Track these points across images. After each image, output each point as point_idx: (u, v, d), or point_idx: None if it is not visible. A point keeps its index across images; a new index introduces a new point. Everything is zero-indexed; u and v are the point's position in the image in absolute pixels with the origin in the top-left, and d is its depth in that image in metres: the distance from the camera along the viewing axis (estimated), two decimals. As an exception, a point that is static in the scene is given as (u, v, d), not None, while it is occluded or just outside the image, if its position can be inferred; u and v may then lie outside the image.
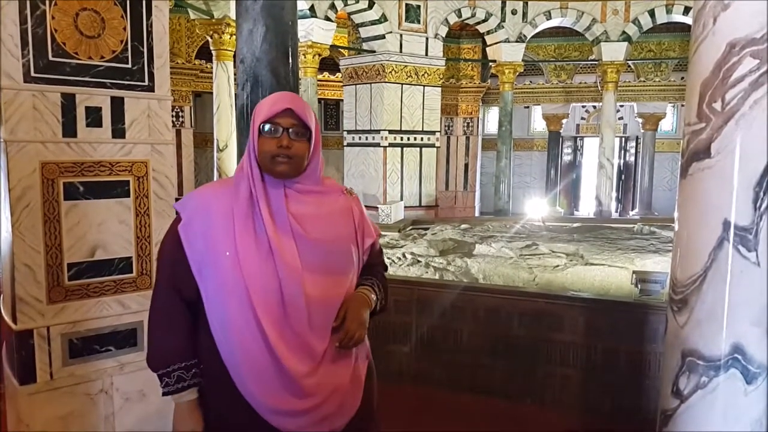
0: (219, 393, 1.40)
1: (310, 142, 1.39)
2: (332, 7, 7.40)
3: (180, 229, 1.38)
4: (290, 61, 2.02)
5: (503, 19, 8.89)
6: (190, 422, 1.40)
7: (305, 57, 7.28)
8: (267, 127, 1.36)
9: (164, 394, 1.40)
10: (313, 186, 1.44)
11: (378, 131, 8.27)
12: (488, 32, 9.08)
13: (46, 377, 2.18)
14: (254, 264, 1.33)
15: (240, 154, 2.12)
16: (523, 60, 9.22)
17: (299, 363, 1.35)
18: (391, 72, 8.13)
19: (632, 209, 13.09)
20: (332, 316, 1.40)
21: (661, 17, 8.79)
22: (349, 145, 8.84)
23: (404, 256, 4.95)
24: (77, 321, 2.24)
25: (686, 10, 8.41)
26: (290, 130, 1.36)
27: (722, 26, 1.43)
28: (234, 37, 2.18)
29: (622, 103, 11.87)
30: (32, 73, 2.07)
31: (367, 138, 8.39)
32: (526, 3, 8.90)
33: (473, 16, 8.81)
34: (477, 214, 11.94)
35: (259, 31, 1.96)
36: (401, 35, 8.16)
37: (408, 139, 8.44)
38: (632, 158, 13.64)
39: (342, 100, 9.79)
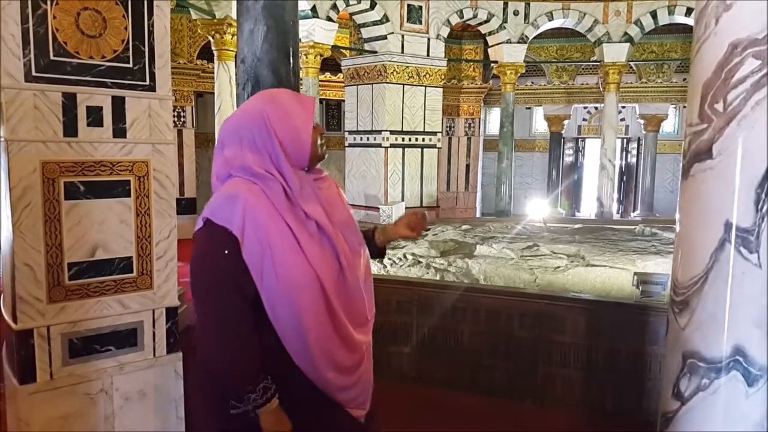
0: (286, 389, 1.45)
1: None
2: (334, 7, 7.40)
3: (240, 237, 1.35)
4: (291, 61, 2.02)
5: (505, 20, 8.88)
6: (284, 425, 1.42)
7: (307, 57, 7.28)
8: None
9: (254, 409, 1.38)
10: (320, 171, 1.55)
11: (379, 132, 8.26)
12: (490, 33, 9.08)
13: (46, 377, 2.18)
14: (318, 254, 1.40)
15: (241, 154, 2.11)
16: (524, 61, 9.21)
17: (362, 334, 1.52)
18: (392, 72, 8.13)
19: (634, 210, 13.07)
20: (371, 288, 1.57)
21: (663, 18, 8.78)
22: (350, 145, 8.83)
23: (405, 256, 4.95)
24: (77, 321, 2.24)
25: (688, 11, 8.39)
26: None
27: (724, 27, 1.43)
28: (235, 37, 2.17)
29: (623, 105, 11.86)
30: (33, 73, 2.07)
31: (368, 138, 8.39)
32: (528, 4, 8.89)
33: (475, 16, 8.80)
34: (478, 215, 11.94)
35: (260, 31, 1.96)
36: (403, 36, 8.15)
37: (409, 139, 8.44)
38: (634, 159, 13.62)
39: (343, 100, 9.79)
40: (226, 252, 1.34)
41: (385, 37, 8.08)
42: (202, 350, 1.48)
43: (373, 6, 7.86)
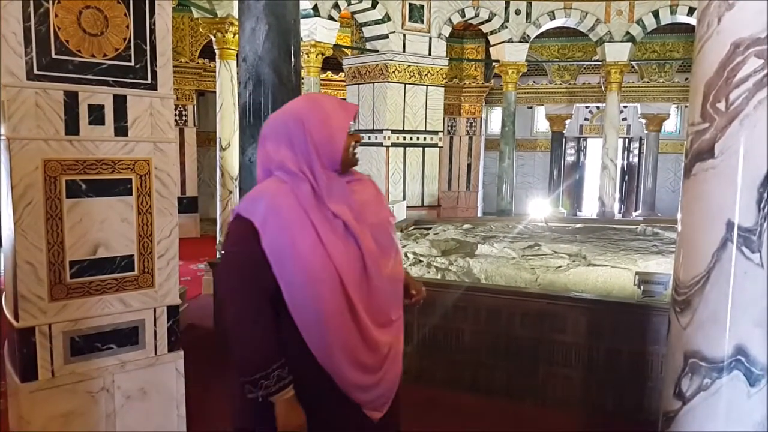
0: (303, 383, 1.48)
1: None
2: (336, 6, 7.40)
3: (260, 229, 1.42)
4: (292, 59, 2.02)
5: (507, 19, 8.87)
6: (298, 416, 1.45)
7: (308, 56, 7.28)
8: (351, 126, 1.54)
9: (265, 396, 1.42)
10: (355, 174, 1.60)
11: (381, 131, 8.26)
12: (492, 32, 9.06)
13: (47, 375, 2.18)
14: (340, 250, 1.44)
15: (242, 152, 2.12)
16: (526, 60, 9.19)
17: (383, 334, 1.53)
18: (394, 72, 8.12)
19: (635, 210, 13.06)
20: (400, 289, 1.61)
21: (665, 18, 8.76)
22: (351, 144, 8.80)
23: (406, 256, 4.95)
24: (79, 319, 2.24)
25: (690, 11, 8.38)
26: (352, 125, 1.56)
27: (727, 26, 1.43)
28: (237, 36, 2.16)
29: (625, 104, 11.84)
30: (35, 71, 2.08)
31: (369, 137, 8.38)
32: (530, 3, 8.88)
33: (477, 16, 8.79)
34: (479, 214, 11.93)
35: (262, 30, 1.96)
36: (404, 35, 8.15)
37: (411, 138, 8.43)
38: (636, 159, 13.60)
39: (345, 99, 9.78)
40: (247, 243, 1.42)
41: (386, 36, 8.07)
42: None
43: (374, 5, 7.85)
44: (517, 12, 8.88)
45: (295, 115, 1.50)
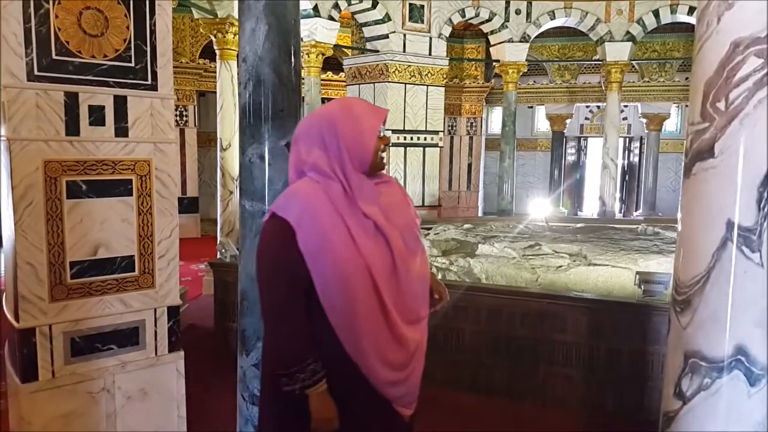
0: (335, 378, 1.52)
1: None
2: (336, 6, 7.39)
3: (295, 227, 1.47)
4: (293, 60, 2.02)
5: (507, 19, 8.86)
6: (330, 409, 1.50)
7: (309, 56, 7.28)
8: (381, 130, 1.58)
9: (300, 389, 1.47)
10: (383, 177, 1.65)
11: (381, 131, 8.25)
12: (492, 32, 9.06)
13: (48, 375, 2.19)
14: (372, 249, 1.49)
15: (242, 153, 2.12)
16: (526, 60, 9.18)
17: (412, 332, 1.58)
18: (394, 72, 8.12)
19: (636, 210, 13.04)
20: (427, 288, 1.67)
21: (666, 17, 8.75)
22: (352, 144, 8.79)
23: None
24: (79, 319, 2.24)
25: (691, 11, 8.37)
26: (382, 128, 1.61)
27: (726, 25, 1.42)
28: (237, 36, 2.16)
29: (626, 104, 11.82)
30: (35, 72, 2.08)
31: (370, 138, 8.37)
32: (530, 3, 8.87)
33: (477, 15, 8.79)
34: (480, 214, 11.92)
35: (262, 30, 1.96)
36: (405, 35, 8.14)
37: (411, 138, 8.43)
38: (636, 159, 13.58)
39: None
40: (283, 241, 1.47)
41: (386, 36, 8.07)
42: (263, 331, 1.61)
43: (374, 5, 7.85)
44: (518, 12, 8.87)
45: (327, 117, 1.55)
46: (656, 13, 8.72)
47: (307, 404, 1.49)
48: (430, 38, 8.37)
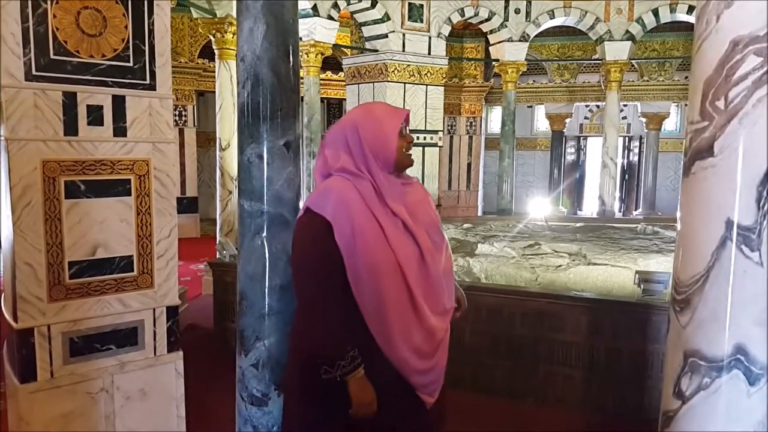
0: (366, 367, 1.59)
1: None
2: (335, 6, 7.39)
3: (332, 222, 1.55)
4: (291, 59, 2.01)
5: (506, 18, 8.86)
6: (370, 393, 1.58)
7: (308, 56, 7.27)
8: (403, 129, 1.65)
9: (341, 376, 1.55)
10: (408, 177, 1.74)
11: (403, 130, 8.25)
12: (491, 31, 9.05)
13: (46, 376, 2.18)
14: (402, 244, 1.57)
15: (241, 152, 2.12)
16: (526, 59, 9.18)
17: (440, 322, 1.67)
18: (393, 71, 8.11)
19: (636, 209, 13.04)
20: (452, 281, 1.77)
21: (665, 16, 8.74)
22: (351, 144, 8.77)
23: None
24: (78, 319, 2.24)
25: (690, 9, 8.36)
26: (407, 127, 1.69)
27: (725, 24, 1.42)
28: (236, 36, 2.16)
29: (625, 103, 11.82)
30: (33, 72, 2.07)
31: (369, 137, 8.37)
32: (530, 2, 8.87)
33: (476, 15, 8.78)
34: (480, 213, 11.92)
35: (260, 30, 1.95)
36: (404, 34, 8.14)
37: (411, 138, 8.42)
38: (636, 158, 13.58)
39: (345, 99, 9.78)
40: (321, 235, 1.55)
41: (386, 36, 8.06)
42: (297, 323, 1.71)
43: (374, 4, 7.84)
44: (517, 11, 8.87)
45: (350, 122, 1.64)
46: (655, 12, 8.72)
47: (342, 392, 1.56)
48: (430, 38, 8.37)
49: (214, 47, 6.21)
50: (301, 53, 7.09)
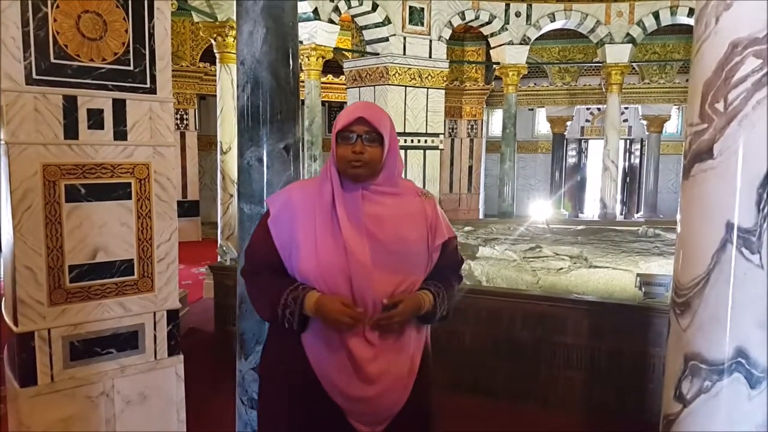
0: (297, 384, 1.54)
1: (383, 147, 1.51)
2: (336, 9, 7.40)
3: (269, 223, 1.56)
4: (291, 62, 2.02)
5: (507, 22, 8.87)
6: (333, 300, 1.47)
7: (309, 59, 7.28)
8: (344, 135, 1.50)
9: (299, 315, 1.48)
10: (388, 188, 1.56)
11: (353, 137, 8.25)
12: (492, 34, 9.06)
13: (47, 380, 2.18)
14: (329, 257, 1.48)
15: (240, 156, 2.12)
16: (527, 62, 9.19)
17: (364, 349, 1.50)
18: (394, 74, 8.12)
19: (637, 212, 13.02)
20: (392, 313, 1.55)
21: (666, 19, 8.75)
22: (352, 147, 8.78)
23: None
24: (78, 323, 2.24)
25: (690, 12, 8.36)
26: (364, 136, 1.49)
27: (724, 26, 1.42)
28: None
29: (626, 105, 11.81)
30: (34, 75, 2.08)
31: (370, 140, 8.37)
32: (530, 5, 8.88)
33: (477, 18, 8.80)
34: (481, 216, 11.92)
35: (260, 33, 1.96)
36: (405, 38, 8.15)
37: (412, 141, 8.43)
38: (637, 160, 13.57)
39: (346, 102, 9.79)
40: (265, 228, 1.57)
41: (387, 39, 8.08)
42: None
43: (374, 8, 7.86)
44: (518, 14, 8.88)
45: None
46: (656, 15, 8.72)
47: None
48: (430, 41, 8.38)
49: (215, 51, 6.23)
50: (302, 56, 7.10)
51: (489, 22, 8.87)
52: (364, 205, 1.51)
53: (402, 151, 8.39)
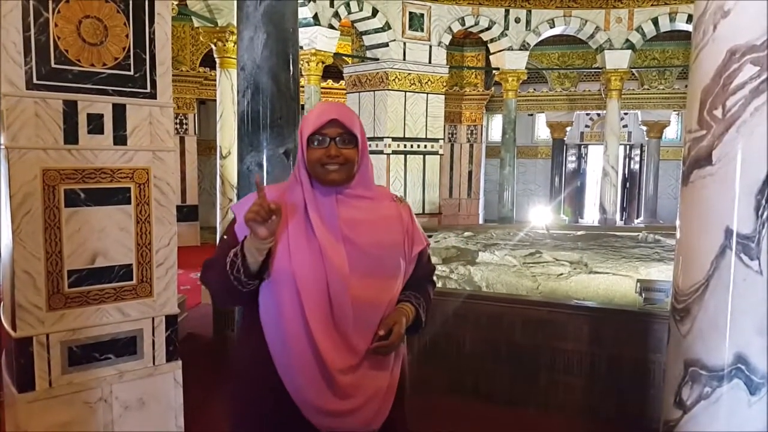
0: (263, 391, 1.46)
1: (358, 148, 1.45)
2: (336, 15, 7.43)
3: (236, 230, 1.47)
4: (291, 68, 2.02)
5: (506, 27, 8.90)
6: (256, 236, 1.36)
7: (309, 65, 7.30)
8: (315, 138, 1.41)
9: (247, 265, 1.37)
10: (363, 192, 1.49)
11: (381, 139, 8.27)
12: (492, 40, 9.09)
13: (45, 385, 2.17)
14: (305, 263, 1.40)
15: (240, 161, 2.12)
16: (526, 68, 9.21)
17: (338, 359, 1.41)
18: (394, 80, 8.14)
19: (637, 217, 13.03)
20: (376, 319, 1.46)
21: (665, 25, 8.78)
22: (352, 152, 8.79)
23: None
24: (77, 328, 2.23)
25: (689, 19, 8.39)
26: (337, 138, 1.41)
27: (722, 33, 1.42)
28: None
29: (626, 111, 11.84)
30: (34, 80, 2.08)
31: (370, 145, 8.38)
32: (530, 11, 8.91)
33: (477, 24, 8.82)
34: (481, 221, 11.92)
35: (260, 38, 1.96)
36: (405, 43, 8.17)
37: (411, 146, 8.44)
38: (637, 166, 13.59)
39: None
40: (231, 230, 1.50)
41: (386, 45, 8.10)
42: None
43: (374, 14, 7.88)
44: (517, 20, 8.91)
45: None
46: (655, 21, 8.75)
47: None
48: (430, 46, 8.40)
49: (215, 56, 6.24)
50: (302, 62, 7.12)
51: (489, 28, 8.90)
52: (339, 210, 1.44)
53: (401, 156, 8.43)
